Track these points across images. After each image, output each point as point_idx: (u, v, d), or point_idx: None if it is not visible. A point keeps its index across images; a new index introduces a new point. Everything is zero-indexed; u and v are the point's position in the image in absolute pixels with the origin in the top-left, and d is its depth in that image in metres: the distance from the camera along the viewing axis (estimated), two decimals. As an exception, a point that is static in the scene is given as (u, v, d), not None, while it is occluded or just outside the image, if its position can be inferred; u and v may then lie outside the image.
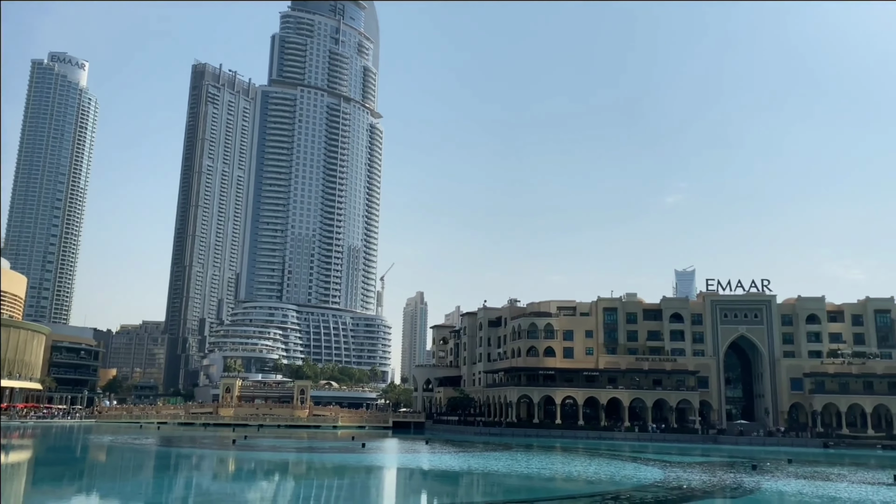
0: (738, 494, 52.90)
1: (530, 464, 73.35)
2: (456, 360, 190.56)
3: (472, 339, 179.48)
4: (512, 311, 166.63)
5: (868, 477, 67.18)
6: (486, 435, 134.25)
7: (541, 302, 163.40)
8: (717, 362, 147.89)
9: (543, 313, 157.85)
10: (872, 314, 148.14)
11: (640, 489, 53.60)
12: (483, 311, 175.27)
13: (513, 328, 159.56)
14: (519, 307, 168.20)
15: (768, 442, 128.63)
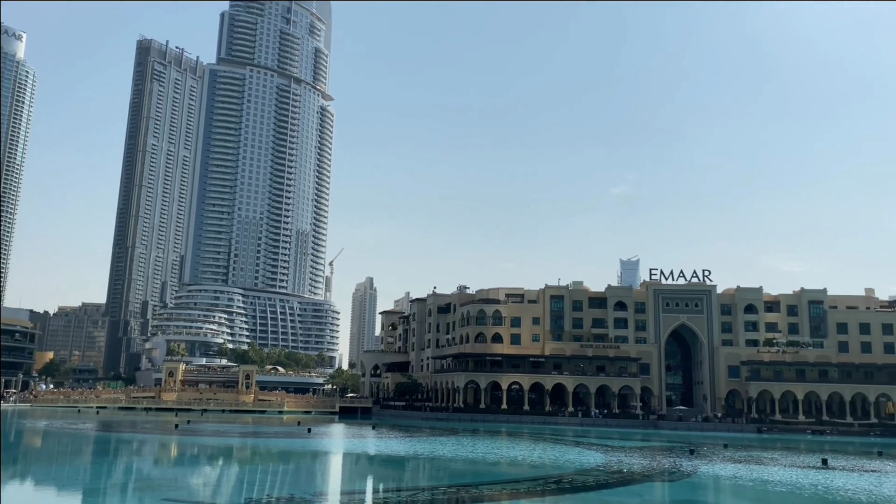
0: (677, 478, 54.34)
1: (476, 448, 73.97)
2: (404, 345, 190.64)
3: (420, 326, 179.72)
4: (461, 298, 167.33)
5: (799, 461, 69.88)
6: (434, 420, 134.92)
7: (490, 289, 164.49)
8: (659, 350, 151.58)
9: (492, 300, 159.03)
10: (806, 305, 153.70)
11: (583, 473, 54.59)
12: (432, 297, 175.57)
13: (462, 315, 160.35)
14: (468, 294, 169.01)
15: (706, 427, 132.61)
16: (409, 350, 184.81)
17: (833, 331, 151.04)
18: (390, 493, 44.30)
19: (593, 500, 41.78)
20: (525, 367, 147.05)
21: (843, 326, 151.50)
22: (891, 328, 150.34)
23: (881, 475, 57.91)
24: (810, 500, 42.90)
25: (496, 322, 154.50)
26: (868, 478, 55.43)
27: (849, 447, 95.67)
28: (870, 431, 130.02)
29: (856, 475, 56.96)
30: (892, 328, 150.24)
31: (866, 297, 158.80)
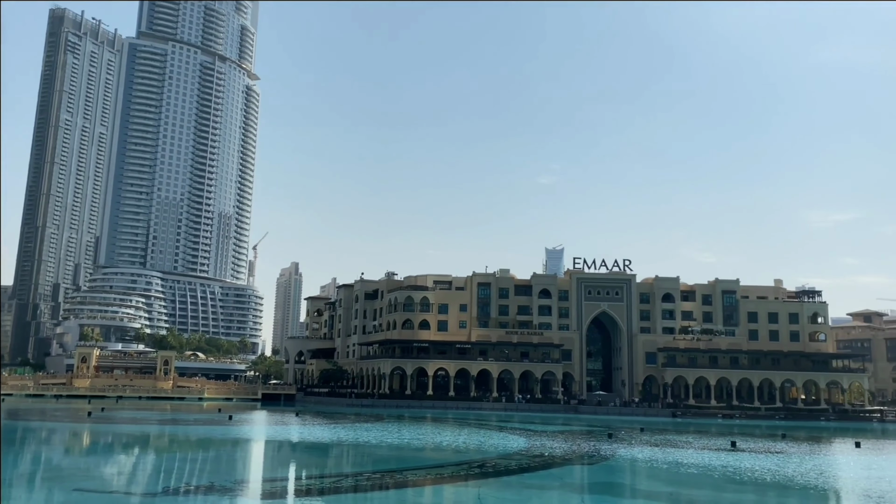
0: (596, 461, 55.90)
1: (401, 434, 74.10)
2: (330, 332, 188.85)
3: (347, 312, 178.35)
4: (389, 285, 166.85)
5: (710, 444, 73.04)
6: (359, 407, 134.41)
7: (418, 276, 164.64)
8: (581, 336, 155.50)
9: (420, 287, 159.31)
10: (720, 294, 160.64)
11: (506, 457, 55.45)
12: (360, 283, 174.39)
13: (389, 301, 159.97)
14: (396, 280, 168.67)
15: (624, 412, 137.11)
16: (334, 336, 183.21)
17: (744, 319, 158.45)
18: (313, 479, 43.84)
19: (515, 483, 42.48)
20: (451, 353, 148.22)
21: (754, 315, 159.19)
22: (797, 317, 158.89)
23: (785, 456, 61.17)
24: (720, 480, 44.86)
25: (424, 309, 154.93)
26: (773, 459, 58.46)
27: (756, 430, 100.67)
28: (775, 415, 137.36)
29: (762, 457, 59.98)
30: (798, 317, 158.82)
31: (775, 288, 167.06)
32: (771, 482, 44.25)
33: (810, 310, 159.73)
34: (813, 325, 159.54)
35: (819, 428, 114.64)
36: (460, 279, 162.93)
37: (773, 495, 40.48)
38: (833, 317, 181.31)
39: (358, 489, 38.63)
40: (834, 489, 43.77)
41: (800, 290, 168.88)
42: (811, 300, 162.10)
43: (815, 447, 74.16)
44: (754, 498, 39.49)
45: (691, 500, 38.30)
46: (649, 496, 39.55)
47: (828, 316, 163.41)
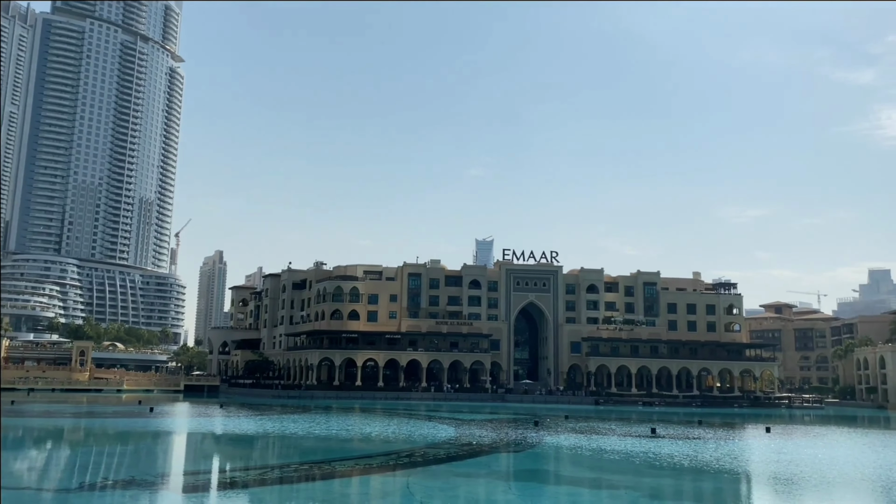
0: (522, 449, 56.87)
1: (329, 425, 73.46)
2: (256, 322, 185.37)
3: (274, 302, 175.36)
4: (317, 274, 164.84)
5: (631, 431, 75.39)
6: (285, 398, 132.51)
7: (347, 266, 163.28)
8: (509, 326, 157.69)
9: (350, 277, 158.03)
10: (641, 286, 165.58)
11: (434, 447, 55.74)
12: (287, 272, 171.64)
13: (318, 291, 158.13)
14: (325, 270, 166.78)
15: (549, 400, 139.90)
16: (260, 327, 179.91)
17: (664, 310, 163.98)
18: (238, 472, 42.96)
19: (443, 472, 42.75)
20: (381, 343, 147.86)
21: (673, 306, 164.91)
22: (713, 308, 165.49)
23: (701, 442, 63.74)
24: (641, 466, 46.36)
25: (353, 299, 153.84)
26: (690, 445, 60.82)
27: (674, 417, 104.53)
28: (692, 402, 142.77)
29: (680, 442, 62.32)
30: (715, 308, 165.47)
31: (693, 280, 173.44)
32: (689, 467, 46.01)
33: (726, 301, 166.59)
34: (728, 317, 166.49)
35: (733, 414, 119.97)
36: (391, 269, 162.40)
37: (690, 480, 42.09)
38: (747, 308, 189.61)
39: (284, 481, 38.07)
40: (747, 473, 45.88)
41: (716, 282, 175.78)
42: (727, 292, 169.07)
43: (729, 433, 77.58)
44: (673, 482, 40.96)
45: (613, 485, 39.41)
46: (573, 482, 40.51)
47: (742, 307, 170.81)
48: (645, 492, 37.06)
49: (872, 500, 36.94)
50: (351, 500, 33.82)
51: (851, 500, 36.99)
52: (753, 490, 40.25)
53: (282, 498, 33.21)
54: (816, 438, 72.61)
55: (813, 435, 77.32)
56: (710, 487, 39.56)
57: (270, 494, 34.37)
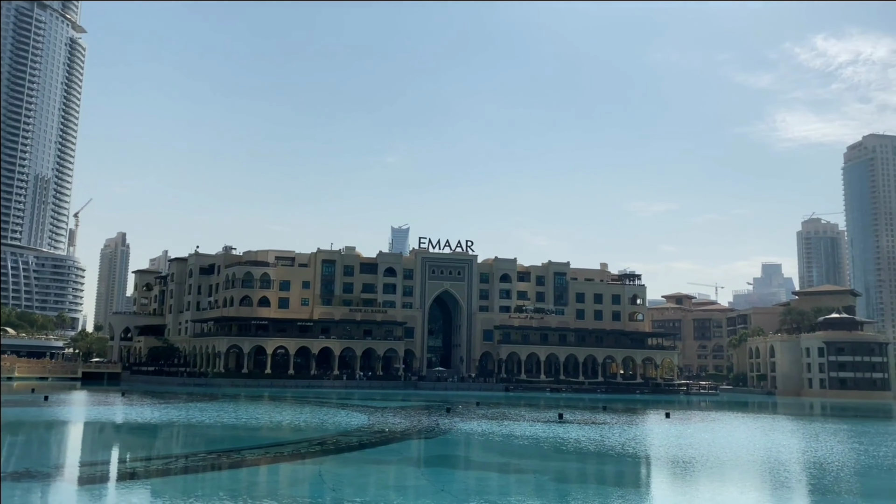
0: (434, 435, 57.33)
1: (237, 414, 71.78)
2: (161, 308, 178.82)
3: (180, 287, 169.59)
4: (227, 259, 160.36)
5: (540, 416, 77.33)
6: (191, 386, 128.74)
7: (258, 251, 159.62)
8: (423, 314, 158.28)
9: (261, 262, 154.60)
10: (552, 276, 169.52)
11: (346, 434, 55.41)
12: (195, 257, 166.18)
13: (227, 276, 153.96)
14: (235, 255, 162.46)
15: (461, 387, 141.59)
16: (165, 313, 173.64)
17: (573, 300, 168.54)
18: (139, 462, 41.37)
19: (356, 459, 42.59)
20: (292, 331, 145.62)
21: (581, 296, 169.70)
22: (619, 298, 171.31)
23: (606, 427, 66.09)
24: (549, 450, 47.65)
25: (264, 285, 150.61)
26: (596, 429, 62.97)
27: (580, 403, 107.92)
28: (597, 389, 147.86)
29: (586, 427, 64.42)
30: (620, 298, 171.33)
31: (601, 271, 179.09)
32: (594, 451, 47.62)
33: (631, 292, 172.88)
34: (632, 306, 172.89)
35: (635, 400, 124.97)
36: (304, 256, 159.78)
37: (595, 463, 43.60)
38: (650, 299, 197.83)
39: (189, 470, 36.93)
40: (648, 456, 47.91)
41: (622, 273, 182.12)
42: (632, 283, 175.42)
43: (631, 418, 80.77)
44: (579, 466, 42.31)
45: (522, 469, 40.32)
46: (484, 467, 41.19)
47: (646, 298, 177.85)
48: (552, 475, 38.10)
49: (762, 480, 39.34)
50: (260, 488, 33.18)
51: (743, 480, 39.27)
52: (654, 472, 42.09)
53: (186, 488, 32.20)
54: (712, 423, 76.64)
55: (709, 420, 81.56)
56: (614, 470, 41.09)
57: (174, 485, 33.25)
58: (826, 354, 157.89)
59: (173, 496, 29.86)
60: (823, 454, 48.89)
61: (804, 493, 35.78)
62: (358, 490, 32.18)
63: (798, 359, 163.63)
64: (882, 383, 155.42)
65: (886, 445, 57.05)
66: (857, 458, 47.14)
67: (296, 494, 31.16)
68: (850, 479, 39.35)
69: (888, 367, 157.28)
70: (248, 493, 30.77)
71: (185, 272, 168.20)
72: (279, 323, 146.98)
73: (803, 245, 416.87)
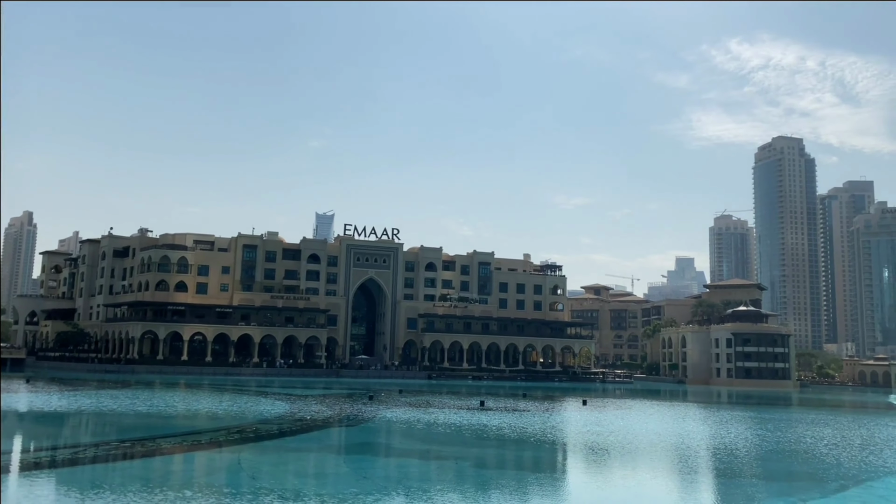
0: (357, 422, 56.94)
1: (151, 402, 69.37)
2: (71, 291, 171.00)
3: (92, 270, 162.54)
4: (142, 242, 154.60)
5: (461, 403, 77.99)
6: (103, 373, 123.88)
7: (176, 234, 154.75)
8: (347, 302, 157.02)
9: (178, 246, 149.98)
10: (477, 265, 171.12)
11: (265, 422, 54.34)
12: (108, 238, 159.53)
13: (142, 260, 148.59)
14: (151, 238, 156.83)
15: (384, 375, 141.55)
16: (76, 296, 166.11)
17: (496, 289, 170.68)
18: (44, 451, 39.34)
19: (275, 447, 41.81)
20: (210, 317, 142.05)
21: (505, 286, 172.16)
22: (540, 288, 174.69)
23: (525, 413, 67.25)
24: (470, 437, 48.06)
25: (181, 269, 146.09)
26: (515, 416, 63.99)
27: (501, 390, 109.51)
28: (517, 376, 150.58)
29: (506, 414, 65.36)
30: (542, 288, 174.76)
31: (523, 261, 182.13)
32: (514, 438, 48.34)
33: (552, 282, 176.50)
34: (553, 296, 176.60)
35: (553, 388, 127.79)
36: (224, 240, 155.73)
37: (514, 449, 44.25)
38: (570, 289, 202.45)
39: (98, 460, 35.34)
40: (565, 443, 49.01)
41: (544, 264, 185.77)
42: (553, 274, 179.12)
43: (550, 405, 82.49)
44: (497, 452, 42.87)
45: (442, 456, 40.50)
46: (405, 454, 41.17)
47: (566, 288, 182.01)
48: (472, 461, 38.43)
49: (674, 465, 40.84)
50: (175, 477, 32.04)
51: (656, 465, 40.67)
52: (571, 458, 43.09)
53: (95, 478, 30.76)
54: (627, 411, 79.14)
55: (624, 407, 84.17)
56: (533, 456, 41.81)
57: (82, 475, 31.73)
58: (733, 345, 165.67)
59: (81, 487, 28.47)
60: (731, 440, 51.21)
61: (714, 477, 37.36)
62: (277, 478, 31.54)
63: (707, 349, 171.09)
64: (783, 373, 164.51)
65: (788, 431, 60.33)
66: (762, 444, 49.63)
67: (213, 483, 30.26)
68: (756, 463, 41.36)
69: (789, 358, 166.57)
70: (162, 483, 29.67)
71: (98, 254, 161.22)
72: (197, 309, 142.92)
73: (714, 240, 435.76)
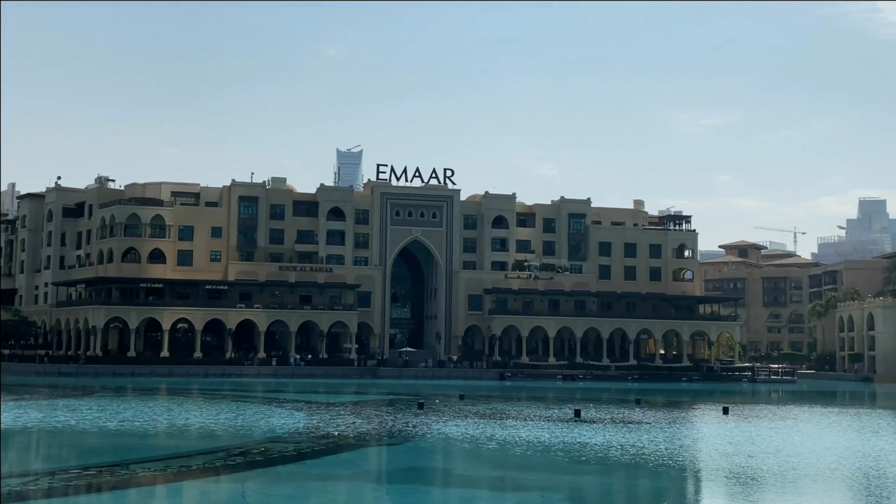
0: (402, 440, 57.83)
1: (123, 414, 71.94)
2: (8, 265, 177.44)
3: (35, 235, 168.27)
4: (102, 196, 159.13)
5: (549, 414, 78.30)
6: (56, 375, 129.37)
7: (147, 184, 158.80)
8: (384, 274, 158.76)
9: (150, 200, 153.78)
10: (566, 219, 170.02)
11: (276, 441, 55.67)
12: (55, 192, 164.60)
13: (102, 220, 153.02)
14: (113, 190, 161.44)
15: (438, 374, 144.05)
16: (14, 272, 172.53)
17: (594, 252, 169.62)
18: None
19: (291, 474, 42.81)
20: (199, 297, 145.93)
21: (607, 247, 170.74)
22: (659, 250, 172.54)
23: (640, 428, 67.07)
24: (561, 461, 48.29)
25: (157, 233, 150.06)
26: (626, 431, 63.90)
27: (604, 395, 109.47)
28: (628, 375, 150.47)
29: (613, 429, 65.34)
30: (661, 250, 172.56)
31: (634, 212, 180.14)
32: (624, 462, 48.30)
33: (676, 240, 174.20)
34: (678, 261, 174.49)
35: (681, 391, 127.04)
36: (212, 191, 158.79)
37: (623, 478, 44.23)
38: (702, 250, 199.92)
39: (54, 493, 36.88)
40: (699, 470, 48.68)
41: (664, 214, 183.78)
42: (678, 228, 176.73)
43: (676, 415, 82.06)
44: (600, 482, 42.91)
45: (522, 486, 40.79)
46: (469, 483, 41.61)
47: (696, 249, 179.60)
48: (565, 494, 38.61)
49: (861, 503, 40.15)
50: (157, 517, 33.31)
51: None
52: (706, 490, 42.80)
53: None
54: (789, 422, 77.97)
55: (784, 417, 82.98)
56: (651, 488, 41.69)
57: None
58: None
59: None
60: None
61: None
62: (295, 518, 32.38)
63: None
64: None
65: None
66: None
67: (208, 525, 31.29)
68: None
69: None
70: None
71: (43, 214, 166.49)
72: (180, 286, 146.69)
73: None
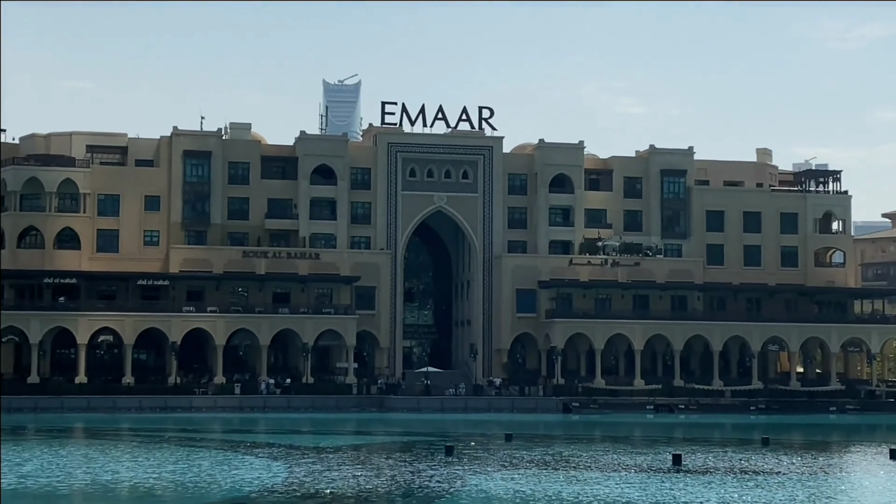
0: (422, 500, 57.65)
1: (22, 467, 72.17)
2: None
3: None
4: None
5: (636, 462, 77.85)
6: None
7: (53, 134, 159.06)
8: (394, 262, 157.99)
9: (57, 158, 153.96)
10: (657, 177, 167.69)
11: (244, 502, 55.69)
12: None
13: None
14: (7, 144, 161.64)
15: (474, 405, 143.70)
16: None
17: (699, 225, 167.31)
18: None
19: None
20: (128, 298, 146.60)
21: (717, 217, 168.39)
22: (793, 221, 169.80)
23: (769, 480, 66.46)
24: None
25: (67, 205, 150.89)
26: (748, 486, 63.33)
27: (716, 432, 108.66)
28: (751, 403, 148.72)
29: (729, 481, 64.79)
30: (796, 221, 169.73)
31: (756, 165, 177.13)
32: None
33: (819, 207, 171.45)
34: (824, 237, 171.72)
35: (829, 426, 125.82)
36: (146, 143, 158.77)
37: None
38: (858, 222, 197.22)
39: None
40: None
41: (800, 170, 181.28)
42: (821, 190, 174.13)
43: (822, 461, 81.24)
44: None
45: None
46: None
47: (850, 220, 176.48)
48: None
49: None
50: None
51: None
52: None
53: None
54: None
55: None
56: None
57: None
58: None
59: None
60: None
61: None
62: None
63: None
64: None
65: None
66: None
67: None
68: None
69: None
70: None
71: None
72: (101, 282, 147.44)
73: None
